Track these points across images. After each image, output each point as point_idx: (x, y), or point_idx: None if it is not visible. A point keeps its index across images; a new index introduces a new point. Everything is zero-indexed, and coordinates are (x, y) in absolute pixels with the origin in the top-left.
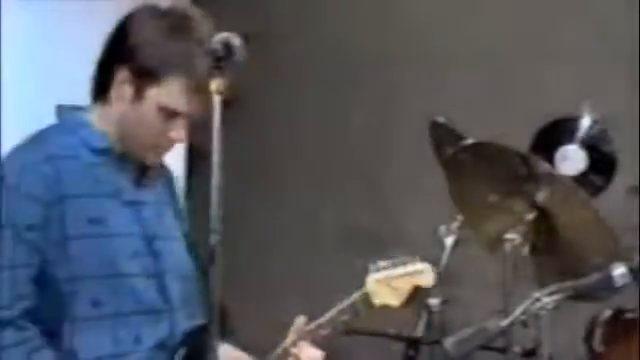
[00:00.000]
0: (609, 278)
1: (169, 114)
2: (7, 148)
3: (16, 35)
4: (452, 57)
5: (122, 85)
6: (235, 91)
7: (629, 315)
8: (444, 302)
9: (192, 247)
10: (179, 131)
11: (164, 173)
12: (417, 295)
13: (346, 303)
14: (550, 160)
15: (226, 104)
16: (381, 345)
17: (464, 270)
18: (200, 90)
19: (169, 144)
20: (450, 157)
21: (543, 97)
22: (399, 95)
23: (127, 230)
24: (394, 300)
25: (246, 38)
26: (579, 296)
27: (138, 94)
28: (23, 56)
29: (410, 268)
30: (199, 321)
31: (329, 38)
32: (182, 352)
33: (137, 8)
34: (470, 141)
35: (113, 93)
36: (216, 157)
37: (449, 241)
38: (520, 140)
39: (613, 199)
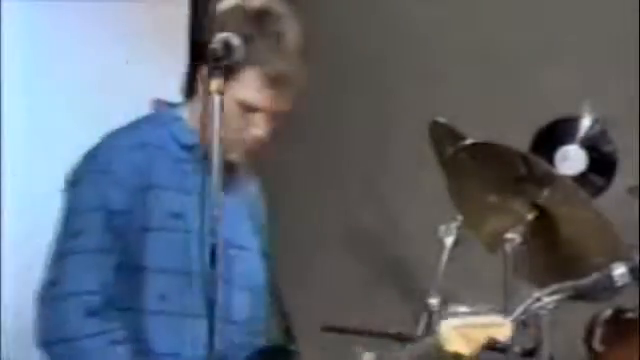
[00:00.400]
0: (609, 278)
1: (248, 109)
2: (7, 148)
3: (16, 35)
4: (452, 57)
5: (205, 80)
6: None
7: (629, 315)
8: (444, 302)
9: (267, 266)
10: (259, 127)
11: (250, 184)
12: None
13: (419, 348)
14: (550, 160)
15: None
16: (381, 345)
17: (464, 270)
18: (278, 85)
19: (250, 141)
20: (450, 157)
21: (543, 97)
22: (399, 95)
23: (206, 230)
24: (466, 349)
25: (246, 38)
26: (579, 296)
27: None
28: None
29: (488, 319)
30: (259, 340)
31: (329, 38)
32: None
33: (221, 5)
34: (470, 141)
35: (199, 89)
36: (216, 157)
37: (449, 241)
38: (520, 140)
39: (613, 199)
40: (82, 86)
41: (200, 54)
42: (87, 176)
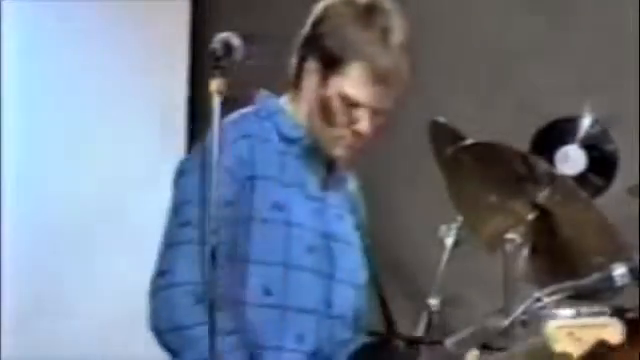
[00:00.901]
0: (609, 278)
1: (352, 105)
2: (7, 149)
3: (16, 35)
4: (452, 56)
5: (310, 74)
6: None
7: (629, 315)
8: (444, 302)
9: (369, 262)
10: (362, 123)
11: (349, 180)
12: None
13: (520, 348)
14: (550, 160)
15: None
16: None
17: (464, 270)
18: (382, 81)
19: (354, 137)
20: (450, 157)
21: (543, 97)
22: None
23: (307, 223)
24: (576, 349)
25: (246, 39)
26: (579, 296)
27: (323, 83)
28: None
29: (596, 320)
30: (361, 337)
31: None
32: None
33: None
34: (470, 141)
35: (304, 83)
36: (216, 157)
37: (449, 241)
38: (520, 140)
39: (613, 199)
40: (81, 89)
41: (309, 46)
42: (195, 168)
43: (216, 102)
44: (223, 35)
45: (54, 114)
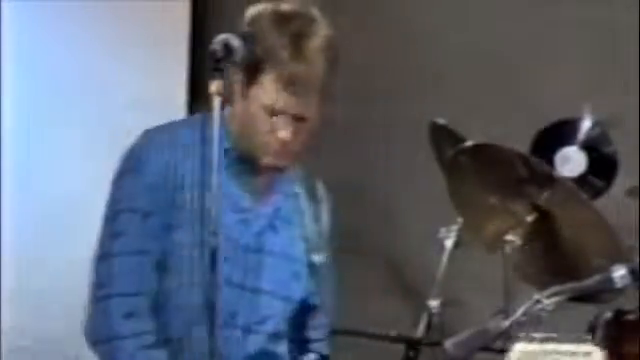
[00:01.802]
0: (609, 279)
1: (271, 113)
2: (7, 149)
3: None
4: (452, 58)
5: (235, 84)
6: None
7: (630, 316)
8: (444, 303)
9: (314, 273)
10: (283, 130)
11: (287, 189)
12: None
13: None
14: (550, 162)
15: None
16: (381, 347)
17: (464, 272)
18: (294, 86)
19: (279, 144)
20: (450, 159)
21: (543, 99)
22: (399, 96)
23: (226, 232)
24: None
25: (246, 39)
26: (579, 297)
27: (244, 94)
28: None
29: (572, 347)
30: (280, 349)
31: None
32: None
33: (258, 9)
34: (470, 143)
35: (232, 94)
36: (216, 157)
37: (449, 242)
38: (520, 142)
39: (613, 201)
40: (81, 90)
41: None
42: (123, 176)
43: (216, 103)
44: (223, 36)
45: (54, 114)
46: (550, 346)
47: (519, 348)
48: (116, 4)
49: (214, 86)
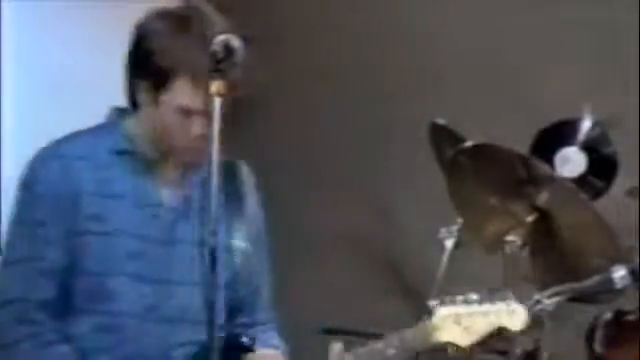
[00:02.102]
0: (609, 280)
1: (185, 114)
2: (7, 149)
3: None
4: (452, 58)
5: (142, 94)
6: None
7: (629, 317)
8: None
9: (239, 256)
10: (198, 128)
11: (197, 176)
12: (501, 336)
13: (397, 336)
14: (550, 162)
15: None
16: None
17: (464, 272)
18: (204, 83)
19: (197, 142)
20: (450, 159)
21: (543, 99)
22: (399, 96)
23: (132, 230)
24: (462, 340)
25: (247, 40)
26: (579, 298)
27: (155, 101)
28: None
29: (493, 307)
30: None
31: (329, 40)
32: None
33: (145, 16)
34: (470, 143)
35: (140, 100)
36: (215, 158)
37: (449, 243)
38: (520, 142)
39: (613, 201)
40: (81, 90)
41: (136, 67)
42: (19, 189)
43: (216, 104)
44: (223, 37)
45: (53, 115)
46: (474, 307)
47: (443, 312)
48: (116, 4)
49: (215, 87)
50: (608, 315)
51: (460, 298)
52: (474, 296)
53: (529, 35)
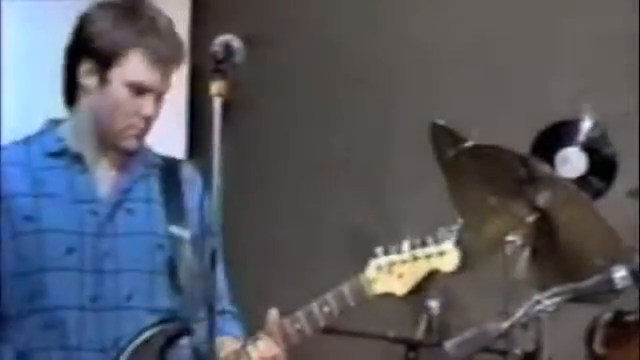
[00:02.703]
0: (610, 280)
1: (137, 90)
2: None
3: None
4: (452, 58)
5: (87, 78)
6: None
7: (630, 317)
8: (444, 304)
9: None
10: (148, 108)
11: (135, 171)
12: (435, 279)
13: (332, 292)
14: (551, 163)
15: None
16: (381, 348)
17: (464, 272)
18: (161, 63)
19: (143, 123)
20: (450, 159)
21: (543, 99)
22: (399, 96)
23: (66, 227)
24: (398, 288)
25: (247, 40)
26: (579, 298)
27: (103, 80)
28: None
29: (425, 250)
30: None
31: (329, 40)
32: (131, 351)
33: (87, 7)
34: (470, 143)
35: (81, 91)
36: (216, 158)
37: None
38: (521, 142)
39: (613, 202)
40: None
41: (79, 53)
42: None
43: (217, 104)
44: (224, 37)
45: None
46: (405, 254)
47: (375, 263)
48: None
49: (215, 87)
50: (608, 315)
51: (393, 248)
52: (406, 243)
53: (529, 35)
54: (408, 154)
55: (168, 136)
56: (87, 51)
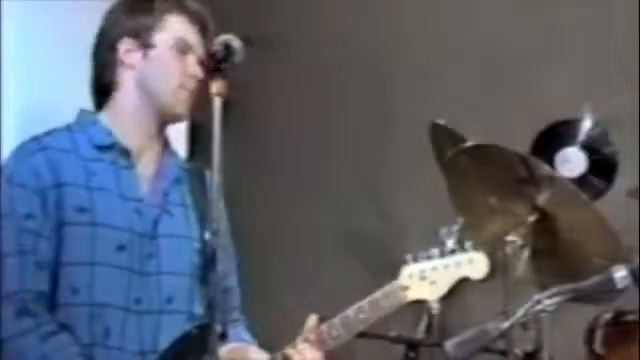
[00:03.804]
0: (610, 280)
1: (181, 50)
2: (7, 149)
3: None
4: (452, 58)
5: (129, 55)
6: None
7: (629, 317)
8: (444, 304)
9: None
10: (194, 67)
11: (171, 175)
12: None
13: (367, 299)
14: (551, 162)
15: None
16: (381, 347)
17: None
18: (198, 22)
19: (192, 83)
20: (450, 159)
21: (543, 99)
22: (399, 96)
23: (117, 223)
24: (430, 295)
25: (247, 40)
26: (580, 298)
27: (147, 48)
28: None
29: (455, 258)
30: (187, 326)
31: (328, 39)
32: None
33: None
34: (470, 143)
35: (119, 76)
36: (216, 158)
37: (449, 243)
38: (521, 142)
39: (613, 201)
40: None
41: (115, 38)
42: (1, 185)
43: (217, 104)
44: (224, 37)
45: (54, 115)
46: (436, 261)
47: (408, 271)
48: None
49: (215, 87)
50: (608, 315)
51: (422, 254)
52: (435, 250)
53: (529, 35)
54: (408, 154)
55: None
56: (124, 34)
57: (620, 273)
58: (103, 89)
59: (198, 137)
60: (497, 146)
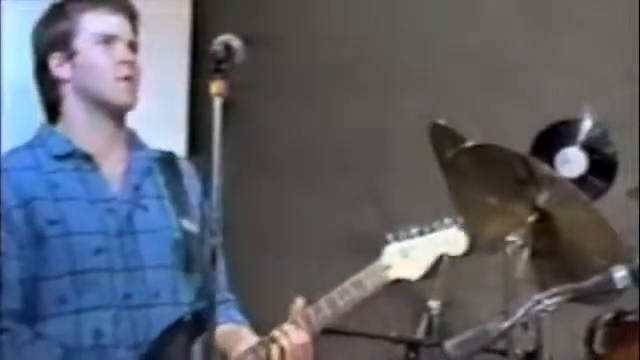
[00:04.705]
0: (610, 280)
1: (104, 42)
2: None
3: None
4: (453, 58)
5: (61, 69)
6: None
7: (630, 317)
8: (445, 304)
9: (188, 238)
10: (121, 53)
11: (140, 167)
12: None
13: (350, 280)
14: (551, 162)
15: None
16: (381, 348)
17: (465, 272)
18: (111, 12)
19: (126, 69)
20: (450, 159)
21: (543, 99)
22: (399, 96)
23: (91, 228)
24: (412, 273)
25: (247, 40)
26: (580, 298)
27: (73, 56)
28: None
29: (434, 235)
30: (177, 314)
31: (328, 39)
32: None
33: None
34: (470, 143)
35: (60, 91)
36: (216, 158)
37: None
38: (521, 142)
39: (613, 201)
40: None
41: (45, 56)
42: None
43: (217, 104)
44: (224, 37)
45: None
46: (416, 239)
47: (389, 251)
48: None
49: (215, 87)
50: (608, 315)
51: (403, 234)
52: (415, 229)
53: (529, 35)
54: (408, 154)
55: (168, 136)
56: (50, 45)
57: (620, 273)
58: (51, 105)
59: (198, 137)
60: (497, 146)
